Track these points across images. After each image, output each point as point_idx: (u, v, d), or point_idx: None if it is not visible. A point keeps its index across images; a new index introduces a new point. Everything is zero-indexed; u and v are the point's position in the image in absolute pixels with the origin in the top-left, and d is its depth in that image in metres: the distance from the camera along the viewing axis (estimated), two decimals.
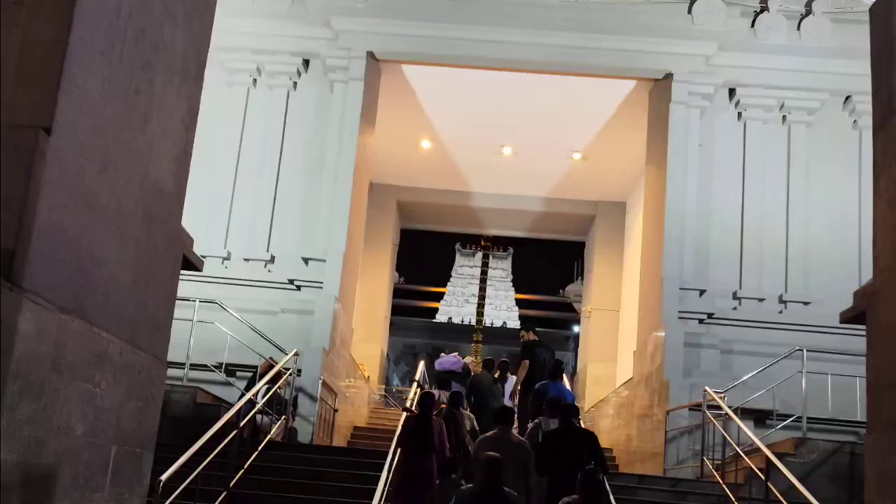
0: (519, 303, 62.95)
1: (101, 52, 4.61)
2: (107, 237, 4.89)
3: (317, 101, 15.95)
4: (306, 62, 15.99)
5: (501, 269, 65.11)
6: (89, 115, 4.56)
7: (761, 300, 14.76)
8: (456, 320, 60.21)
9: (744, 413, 12.29)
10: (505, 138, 19.49)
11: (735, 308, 14.74)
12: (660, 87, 15.89)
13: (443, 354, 16.89)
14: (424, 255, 52.57)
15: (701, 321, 14.56)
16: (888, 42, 5.07)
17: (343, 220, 15.20)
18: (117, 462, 5.22)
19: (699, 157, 15.31)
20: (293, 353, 12.92)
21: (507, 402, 13.15)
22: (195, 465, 8.54)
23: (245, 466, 10.34)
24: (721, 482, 11.19)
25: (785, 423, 12.34)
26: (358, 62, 15.62)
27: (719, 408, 11.88)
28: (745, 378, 12.90)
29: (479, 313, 45.02)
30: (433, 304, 62.16)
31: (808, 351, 12.51)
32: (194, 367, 12.80)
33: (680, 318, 14.39)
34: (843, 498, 10.72)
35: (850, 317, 5.25)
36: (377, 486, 8.71)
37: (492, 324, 58.05)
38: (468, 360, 17.62)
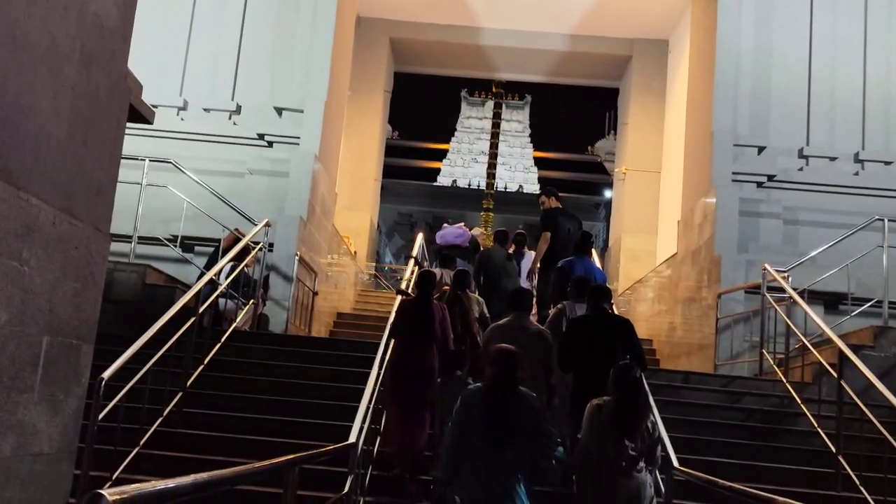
0: (538, 162, 62.99)
1: None
2: (37, 82, 4.86)
3: None
4: None
5: (517, 122, 64.87)
6: None
7: (833, 159, 14.60)
8: (461, 183, 60.36)
9: (811, 296, 12.22)
10: None
11: (801, 169, 14.60)
12: None
13: (445, 225, 16.73)
14: (423, 104, 52.21)
15: (760, 185, 14.45)
16: None
17: (324, 62, 14.97)
18: (50, 356, 5.34)
19: None
20: (264, 223, 12.82)
21: (523, 282, 13.06)
22: (145, 359, 8.43)
23: (205, 361, 10.28)
24: (784, 380, 11.21)
25: (862, 308, 12.31)
26: None
27: (782, 290, 11.81)
28: (813, 254, 12.84)
29: (490, 175, 44.92)
30: (434, 165, 62.19)
31: (889, 221, 12.44)
32: (143, 240, 12.76)
33: (734, 180, 14.31)
34: None
35: None
36: (366, 385, 8.64)
37: (505, 188, 58.24)
38: (476, 231, 17.47)
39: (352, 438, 7.30)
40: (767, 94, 14.74)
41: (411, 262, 15.93)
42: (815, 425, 9.86)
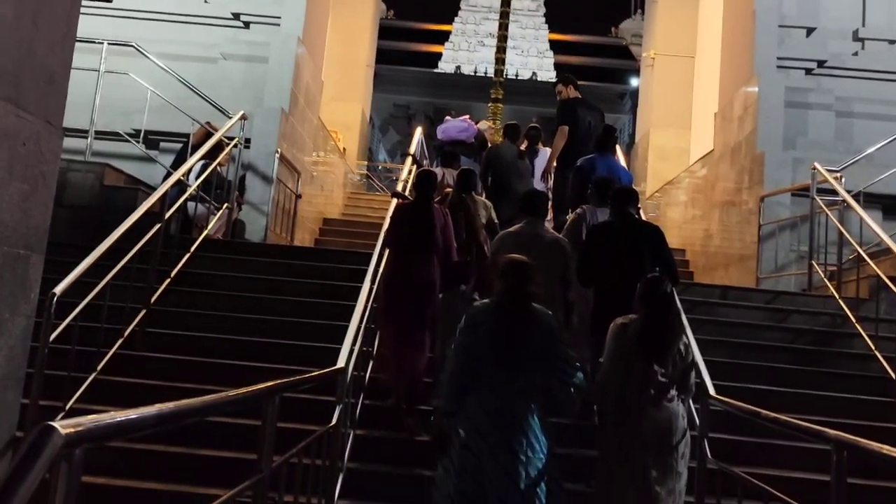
0: (554, 46, 62.49)
1: None
2: None
3: None
4: None
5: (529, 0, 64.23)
6: None
7: (892, 42, 14.52)
8: (466, 70, 59.98)
9: (868, 200, 12.16)
10: None
11: (856, 53, 14.50)
12: None
13: (448, 118, 16.55)
14: None
15: (808, 71, 14.36)
16: None
17: None
18: None
19: None
20: (239, 115, 12.77)
21: (537, 183, 12.97)
22: (102, 272, 8.38)
23: (172, 275, 10.26)
24: (836, 296, 11.19)
25: None
26: None
27: (834, 192, 11.72)
28: (869, 151, 12.77)
29: (499, 61, 44.40)
30: (435, 49, 61.73)
31: None
32: (101, 135, 12.68)
33: (779, 67, 14.20)
34: None
35: None
36: (356, 301, 8.58)
37: (516, 75, 57.89)
38: (483, 125, 17.33)
39: (340, 363, 7.24)
40: None
41: (409, 160, 15.85)
42: (872, 347, 9.84)
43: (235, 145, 12.68)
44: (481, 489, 5.53)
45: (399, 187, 13.61)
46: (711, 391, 7.43)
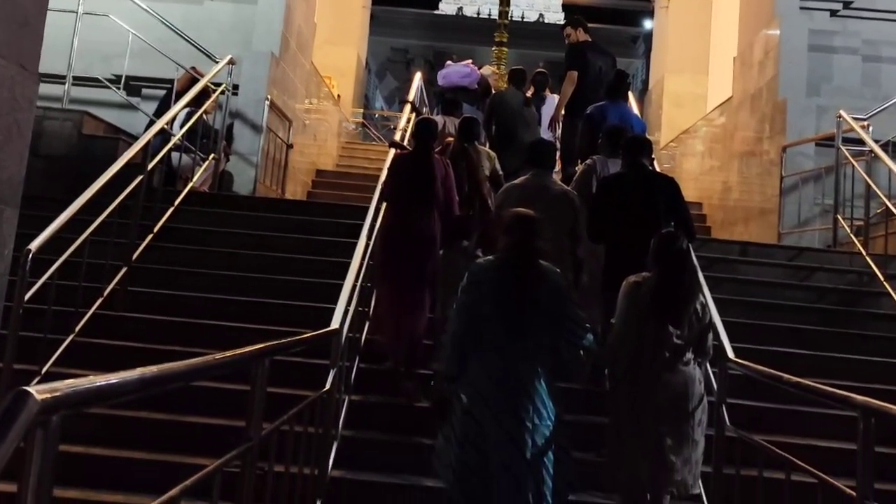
0: None
1: None
2: None
3: None
4: None
5: None
6: None
7: None
8: (469, 12, 59.72)
9: None
10: None
11: None
12: None
13: (449, 63, 16.48)
14: None
15: (833, 13, 14.28)
16: None
17: None
18: None
19: None
20: (227, 60, 12.71)
21: (544, 133, 12.93)
22: (81, 227, 8.35)
23: (155, 230, 10.23)
24: (863, 252, 11.16)
25: None
26: None
27: (861, 142, 11.67)
28: None
29: (504, 2, 44.24)
30: None
31: None
32: (80, 81, 12.61)
33: (802, 8, 14.15)
34: None
35: None
36: (352, 259, 8.53)
37: (522, 17, 57.64)
38: (487, 70, 17.25)
39: (334, 324, 7.20)
40: None
41: (407, 107, 15.78)
42: None
43: (223, 92, 12.63)
44: (484, 458, 5.50)
45: (397, 136, 13.54)
46: (730, 354, 7.37)
